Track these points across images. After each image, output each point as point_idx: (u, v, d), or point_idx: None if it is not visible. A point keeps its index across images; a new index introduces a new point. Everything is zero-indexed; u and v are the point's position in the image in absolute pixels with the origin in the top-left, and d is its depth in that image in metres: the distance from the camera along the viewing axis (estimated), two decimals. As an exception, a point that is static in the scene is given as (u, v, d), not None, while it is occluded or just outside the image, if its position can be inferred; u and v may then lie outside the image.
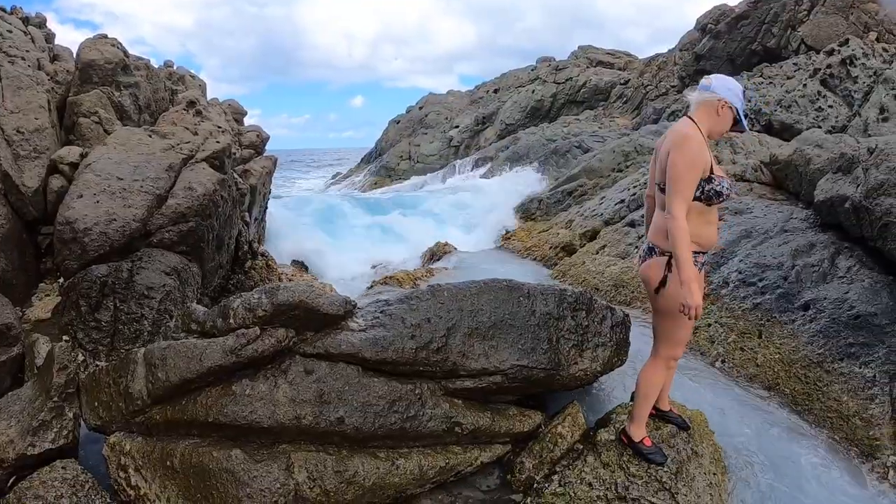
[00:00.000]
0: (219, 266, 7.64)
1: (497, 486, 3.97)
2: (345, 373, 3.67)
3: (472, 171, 22.80)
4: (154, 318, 6.16)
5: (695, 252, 3.47)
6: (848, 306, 5.58)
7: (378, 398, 3.65)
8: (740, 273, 6.54)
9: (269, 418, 3.53)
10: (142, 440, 3.70)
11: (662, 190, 3.47)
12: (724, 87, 3.49)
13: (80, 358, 5.88)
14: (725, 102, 3.46)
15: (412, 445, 3.74)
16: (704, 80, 3.54)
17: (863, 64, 14.26)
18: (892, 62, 14.41)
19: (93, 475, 3.76)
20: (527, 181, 16.31)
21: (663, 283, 3.46)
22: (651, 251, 3.57)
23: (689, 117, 3.49)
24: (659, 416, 4.08)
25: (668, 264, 3.46)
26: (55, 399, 4.00)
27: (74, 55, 9.86)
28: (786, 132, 13.53)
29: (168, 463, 3.53)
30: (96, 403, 3.90)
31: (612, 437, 3.92)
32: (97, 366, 4.94)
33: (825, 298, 5.77)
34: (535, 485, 3.83)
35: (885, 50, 15.02)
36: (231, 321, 3.74)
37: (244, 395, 3.58)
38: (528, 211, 13.91)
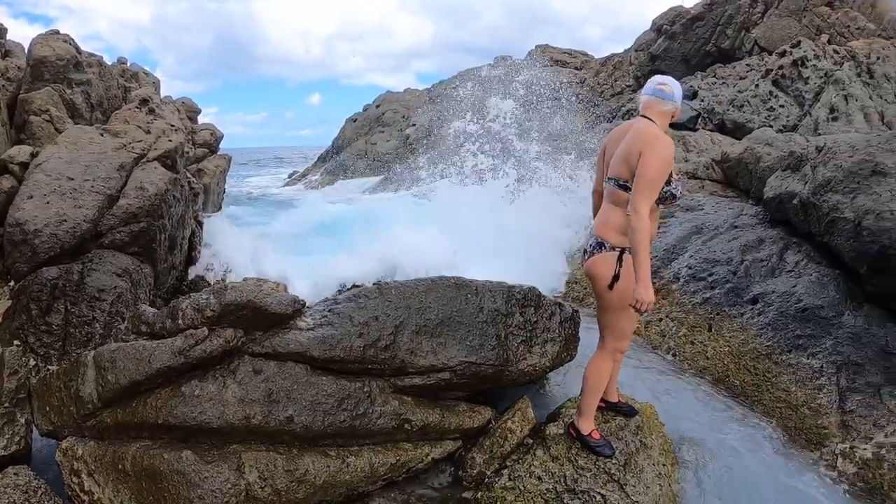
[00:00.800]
0: (171, 267, 7.55)
1: (449, 483, 4.01)
2: (293, 372, 3.67)
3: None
4: (106, 320, 6.07)
5: None
6: (796, 299, 5.74)
7: (327, 396, 3.66)
8: (690, 268, 6.67)
9: (219, 419, 3.52)
10: (94, 444, 3.66)
11: (620, 186, 3.54)
12: (680, 95, 3.67)
13: (32, 362, 5.77)
14: (679, 109, 3.68)
15: (362, 443, 3.76)
16: (664, 88, 3.63)
17: (814, 65, 14.62)
18: (843, 64, 14.79)
19: (46, 481, 3.73)
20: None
21: (616, 278, 3.52)
22: (600, 246, 3.62)
23: (648, 118, 3.59)
24: (608, 407, 4.16)
25: (620, 259, 3.53)
26: (6, 405, 3.95)
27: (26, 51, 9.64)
28: (738, 131, 13.79)
29: (120, 466, 3.50)
30: (48, 408, 3.85)
31: (561, 431, 3.99)
32: (49, 370, 4.86)
33: (773, 292, 5.93)
34: (486, 479, 3.87)
35: (836, 52, 15.38)
36: (180, 322, 3.72)
37: (193, 395, 3.57)
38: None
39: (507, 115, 13.26)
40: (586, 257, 3.70)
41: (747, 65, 17.69)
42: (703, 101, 16.10)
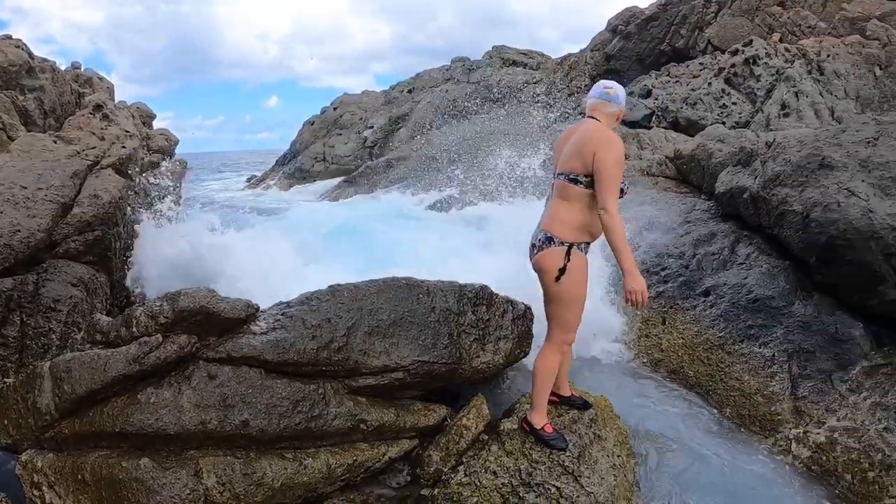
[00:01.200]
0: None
1: (407, 482, 4.05)
2: (248, 376, 3.70)
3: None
4: (62, 331, 5.99)
5: (587, 242, 3.70)
6: (747, 291, 5.89)
7: (282, 399, 3.68)
8: (644, 263, 6.80)
9: (175, 425, 3.52)
10: (53, 456, 3.62)
11: (571, 180, 3.67)
12: (624, 98, 3.89)
13: (-11, 376, 5.68)
14: (623, 111, 3.89)
15: (319, 445, 3.79)
16: (610, 91, 3.83)
17: (765, 63, 14.98)
18: (794, 62, 15.17)
19: (6, 495, 3.69)
20: None
21: (562, 271, 3.64)
22: (549, 240, 3.72)
23: (596, 119, 3.77)
24: (562, 402, 4.25)
25: (568, 253, 3.64)
26: (-35, 420, 3.87)
27: (-25, 58, 9.45)
28: (691, 128, 14.10)
29: (79, 476, 3.48)
30: (6, 422, 3.79)
31: (516, 427, 4.05)
32: (6, 383, 4.79)
33: (725, 284, 6.08)
34: (443, 476, 3.92)
35: (787, 50, 15.78)
36: (134, 329, 3.72)
37: (149, 403, 3.56)
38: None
39: None
40: (535, 252, 3.80)
41: (700, 63, 18.04)
42: (657, 99, 16.41)
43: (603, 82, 3.94)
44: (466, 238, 9.86)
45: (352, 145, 28.58)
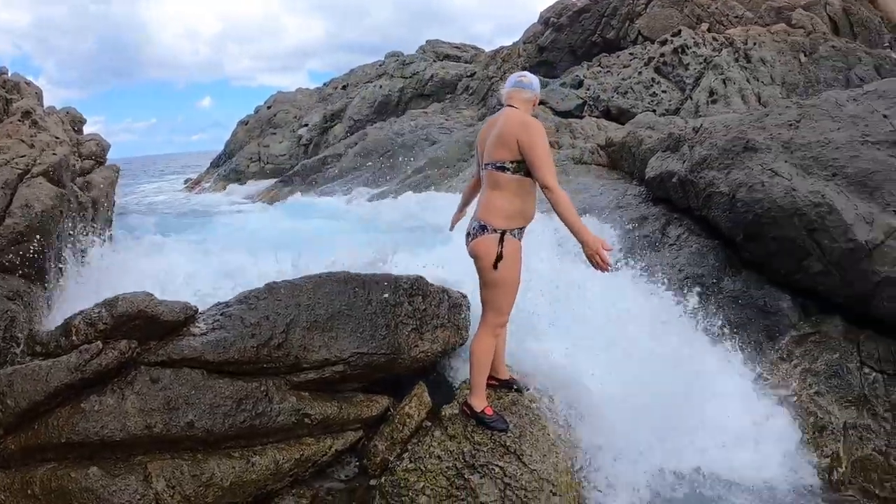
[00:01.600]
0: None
1: (355, 474, 4.13)
2: (190, 377, 3.73)
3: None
4: (1, 347, 5.87)
5: (520, 227, 3.86)
6: (678, 270, 6.14)
7: (225, 399, 3.73)
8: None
9: (121, 431, 3.55)
10: (1, 473, 3.58)
11: (499, 168, 3.81)
12: (538, 85, 4.09)
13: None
14: (538, 96, 4.08)
15: (265, 442, 3.84)
16: (523, 79, 4.02)
17: (694, 52, 15.47)
18: (721, 50, 15.69)
19: (-44, 518, 3.64)
20: None
21: (500, 257, 3.77)
22: (483, 229, 3.85)
23: (514, 107, 3.92)
24: (501, 385, 4.39)
25: (501, 240, 3.78)
26: None
27: None
28: (623, 117, 14.48)
29: (29, 492, 3.46)
30: (-49, 443, 3.75)
31: (457, 412, 4.17)
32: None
33: (658, 265, 6.30)
34: (390, 465, 4.01)
35: (714, 39, 16.31)
36: (74, 338, 3.72)
37: (94, 410, 3.57)
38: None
39: None
40: (470, 239, 3.94)
41: (631, 54, 18.49)
42: (588, 89, 16.77)
43: (517, 73, 4.18)
44: (402, 230, 9.98)
45: (287, 144, 28.29)
